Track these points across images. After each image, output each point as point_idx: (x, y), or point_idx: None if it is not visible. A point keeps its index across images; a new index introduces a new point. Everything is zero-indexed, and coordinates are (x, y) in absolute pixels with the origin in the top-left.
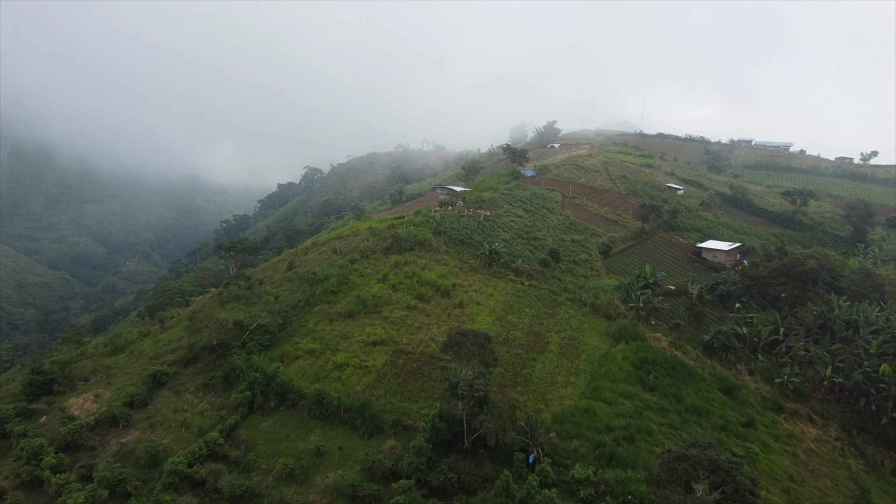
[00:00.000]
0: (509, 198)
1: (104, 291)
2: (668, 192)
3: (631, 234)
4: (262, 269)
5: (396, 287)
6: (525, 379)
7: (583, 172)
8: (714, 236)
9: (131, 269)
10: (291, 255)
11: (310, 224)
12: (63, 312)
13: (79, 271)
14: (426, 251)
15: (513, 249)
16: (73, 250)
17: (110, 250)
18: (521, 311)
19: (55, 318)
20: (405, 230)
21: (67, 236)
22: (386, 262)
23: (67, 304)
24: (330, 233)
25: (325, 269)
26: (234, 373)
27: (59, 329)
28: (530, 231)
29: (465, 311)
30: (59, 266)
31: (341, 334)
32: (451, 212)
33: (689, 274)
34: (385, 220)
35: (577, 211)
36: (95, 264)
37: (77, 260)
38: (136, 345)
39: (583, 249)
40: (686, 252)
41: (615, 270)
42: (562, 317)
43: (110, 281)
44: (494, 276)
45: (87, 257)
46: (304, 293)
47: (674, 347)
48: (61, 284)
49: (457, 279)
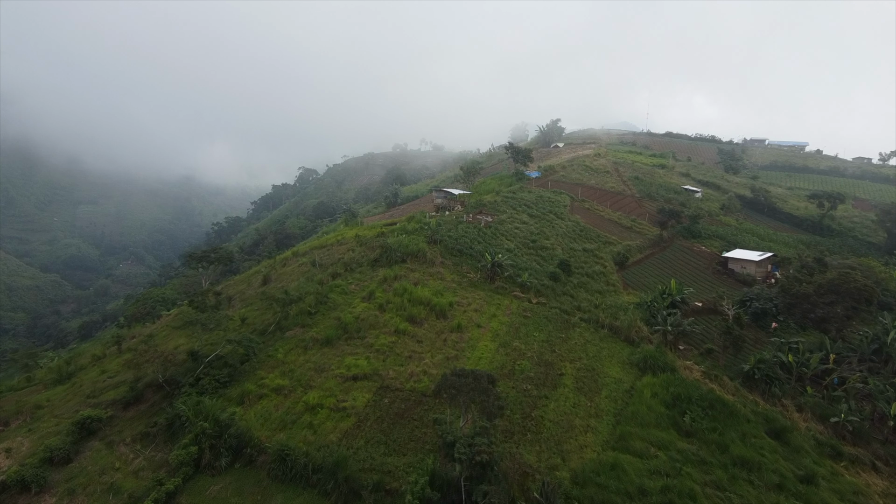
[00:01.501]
0: (513, 201)
1: (96, 295)
2: (684, 194)
3: (648, 241)
4: (236, 282)
5: (384, 307)
6: (536, 423)
7: (592, 173)
8: (739, 244)
9: (125, 271)
10: (268, 267)
11: (301, 227)
12: (53, 316)
13: (71, 274)
14: (419, 263)
15: (518, 261)
16: (66, 252)
17: (103, 252)
18: (528, 336)
19: (44, 322)
20: (396, 239)
21: (60, 238)
22: (373, 276)
23: (58, 307)
24: (313, 241)
25: (303, 285)
26: (180, 420)
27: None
28: (537, 239)
29: (464, 337)
30: (51, 269)
31: (316, 366)
32: (448, 217)
33: (715, 288)
34: (374, 227)
35: (587, 216)
36: (88, 267)
37: (69, 262)
38: (85, 372)
39: (596, 260)
40: (710, 262)
41: (634, 284)
42: (576, 342)
43: (103, 284)
44: (497, 293)
45: (79, 260)
46: (275, 315)
47: (708, 379)
48: (52, 288)
49: (454, 297)
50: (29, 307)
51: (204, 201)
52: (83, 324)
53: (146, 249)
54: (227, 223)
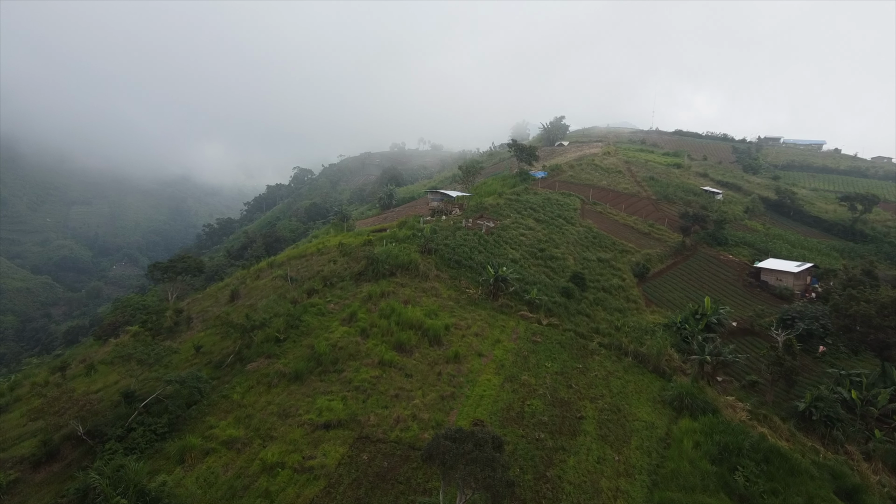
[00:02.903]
0: (517, 204)
1: (88, 297)
2: (704, 196)
3: (670, 249)
4: (204, 297)
5: (367, 332)
6: (553, 487)
7: (603, 173)
8: (771, 252)
9: (118, 273)
10: (239, 280)
11: (292, 230)
12: (43, 319)
13: (63, 276)
14: (411, 277)
15: (524, 273)
16: (58, 254)
17: (96, 254)
18: (539, 366)
19: (34, 325)
20: (384, 249)
21: (52, 239)
22: (356, 293)
23: (49, 310)
24: (291, 250)
25: (272, 304)
26: (94, 493)
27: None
28: (545, 248)
29: (463, 369)
30: (43, 270)
31: (280, 410)
32: (445, 223)
33: (750, 303)
34: (361, 234)
35: (600, 220)
36: (80, 268)
37: (61, 264)
38: (19, 406)
39: (613, 272)
40: (739, 273)
41: (657, 300)
42: (597, 373)
43: (95, 286)
44: (502, 312)
45: (71, 261)
46: (235, 343)
47: (757, 420)
48: (44, 290)
49: (451, 317)
50: (19, 310)
51: (200, 201)
52: (69, 329)
53: (140, 251)
54: (219, 225)
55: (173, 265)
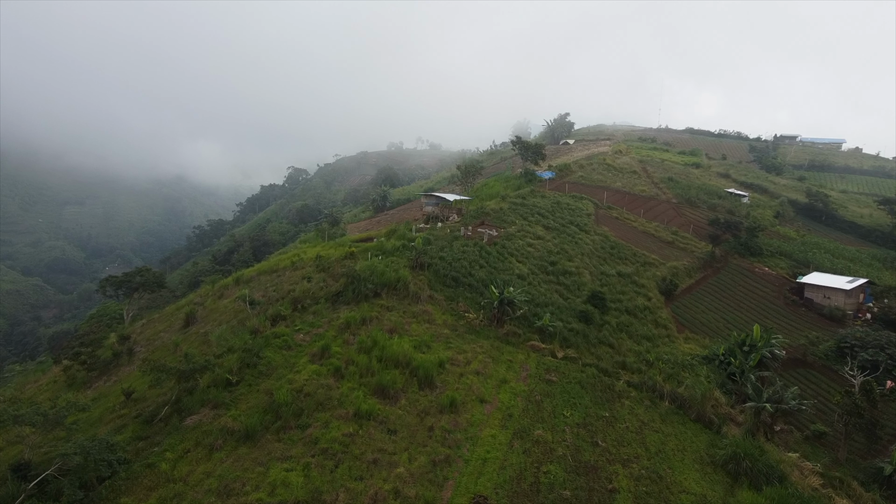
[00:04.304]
0: (523, 209)
1: (80, 300)
2: (729, 199)
3: (698, 261)
4: (160, 318)
5: (342, 371)
6: None
7: (616, 174)
8: (812, 264)
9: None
10: (201, 299)
11: (282, 233)
12: (33, 323)
13: (54, 278)
14: (399, 298)
15: (534, 292)
16: (50, 255)
17: (89, 255)
18: (556, 416)
19: (22, 329)
20: (367, 264)
21: (44, 240)
22: (332, 319)
23: (39, 313)
24: (266, 262)
25: (226, 335)
26: None
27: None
28: (557, 261)
29: (460, 421)
30: (34, 272)
31: (221, 485)
32: (441, 231)
33: (796, 326)
34: (343, 245)
35: (617, 227)
36: (72, 270)
37: (53, 265)
38: None
39: (637, 289)
40: (779, 289)
41: (689, 323)
42: (628, 425)
43: (87, 288)
44: (508, 343)
45: (63, 262)
46: (173, 390)
47: (833, 488)
48: (34, 292)
49: (446, 350)
50: (8, 312)
51: (195, 202)
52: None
53: (134, 252)
54: (210, 226)
55: (128, 280)
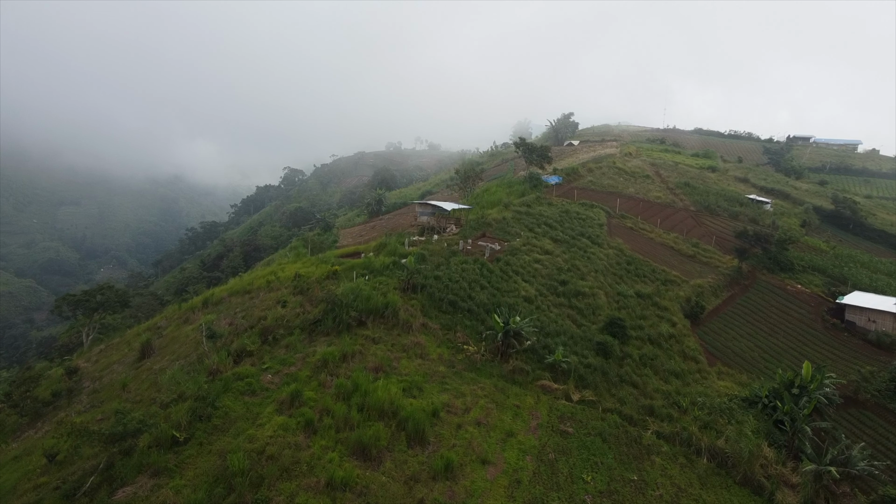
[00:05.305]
0: (528, 219)
1: None
2: (751, 206)
3: (723, 278)
4: (120, 344)
5: (315, 425)
6: None
7: (628, 178)
8: (850, 280)
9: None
10: (165, 322)
11: (275, 237)
12: (25, 325)
13: (48, 279)
14: (387, 327)
15: (543, 320)
16: (44, 256)
17: (84, 256)
18: (575, 481)
19: (13, 332)
20: (351, 286)
21: (38, 241)
22: (307, 355)
23: (32, 315)
24: (238, 280)
25: (179, 377)
26: None
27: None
28: (568, 280)
29: (457, 490)
30: (27, 273)
31: None
32: (437, 245)
33: (840, 355)
34: (326, 260)
35: (632, 239)
36: (67, 271)
37: (46, 267)
38: None
39: (659, 313)
40: (815, 309)
41: (720, 353)
42: (661, 492)
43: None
44: (514, 382)
45: (57, 264)
46: (100, 457)
47: None
48: (27, 294)
49: (441, 393)
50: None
51: (192, 202)
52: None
53: (129, 252)
54: (203, 228)
55: (87, 299)
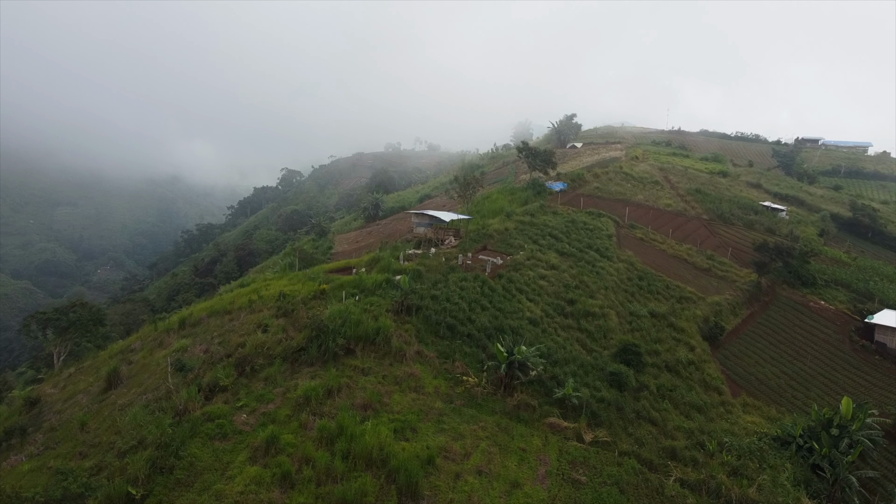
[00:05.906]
0: (532, 230)
1: None
2: (767, 214)
3: (742, 294)
4: (90, 368)
5: (292, 478)
6: None
7: (636, 184)
8: (879, 298)
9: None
10: (140, 343)
11: (270, 241)
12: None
13: (44, 281)
14: (378, 356)
15: (550, 345)
16: (40, 257)
17: (81, 257)
18: None
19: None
20: (339, 308)
21: (35, 242)
22: (289, 388)
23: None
24: (219, 299)
25: (140, 418)
26: None
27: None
28: (576, 298)
29: None
30: (23, 275)
31: None
32: (434, 260)
33: (873, 381)
34: (314, 277)
35: (643, 251)
36: (63, 273)
37: (43, 268)
38: None
39: (676, 335)
40: (842, 328)
41: (744, 381)
42: None
43: (77, 291)
44: (519, 420)
45: (54, 265)
46: None
47: None
48: (23, 295)
49: (438, 435)
50: None
51: (190, 203)
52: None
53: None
54: (199, 230)
55: (58, 317)
